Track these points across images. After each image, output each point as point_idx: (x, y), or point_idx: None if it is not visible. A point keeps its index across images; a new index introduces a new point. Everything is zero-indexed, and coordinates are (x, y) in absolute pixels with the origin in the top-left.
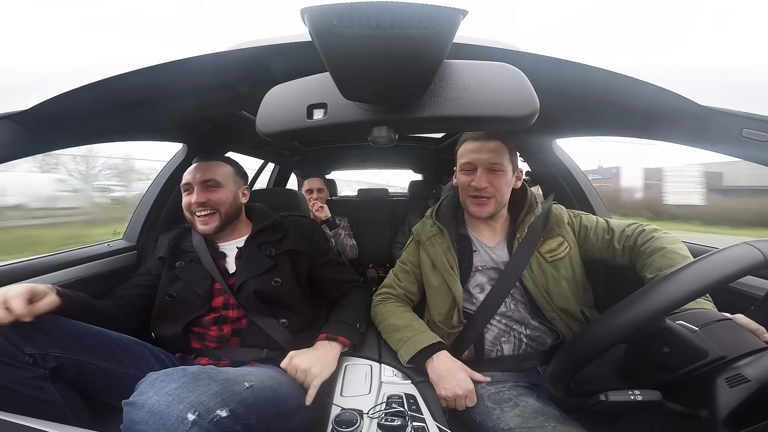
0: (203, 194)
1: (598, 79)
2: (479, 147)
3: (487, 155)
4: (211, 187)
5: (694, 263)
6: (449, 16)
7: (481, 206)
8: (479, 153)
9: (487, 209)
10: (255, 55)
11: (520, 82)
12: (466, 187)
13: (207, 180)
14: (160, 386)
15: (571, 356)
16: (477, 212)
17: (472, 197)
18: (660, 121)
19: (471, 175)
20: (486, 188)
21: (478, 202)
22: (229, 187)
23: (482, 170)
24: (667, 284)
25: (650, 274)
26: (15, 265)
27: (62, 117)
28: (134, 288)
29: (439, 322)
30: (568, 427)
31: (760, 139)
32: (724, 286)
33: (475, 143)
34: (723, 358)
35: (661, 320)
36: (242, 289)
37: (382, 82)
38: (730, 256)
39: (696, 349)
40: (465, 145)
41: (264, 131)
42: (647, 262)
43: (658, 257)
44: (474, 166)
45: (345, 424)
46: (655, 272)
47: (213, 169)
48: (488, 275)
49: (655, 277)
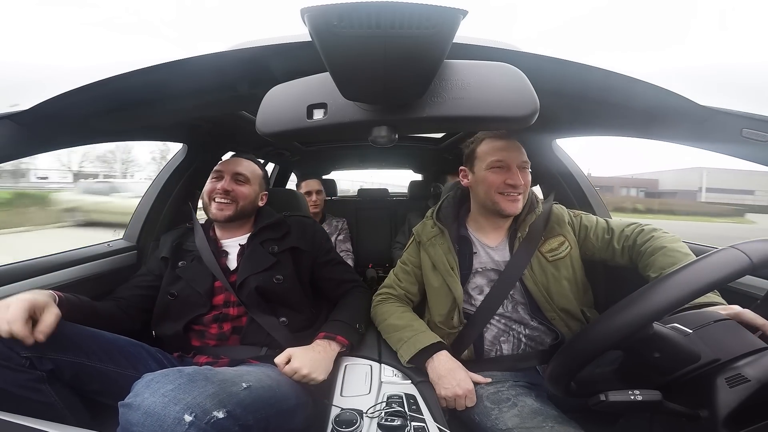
0: (231, 184)
1: (598, 78)
2: (509, 145)
3: (517, 153)
4: (240, 180)
5: (680, 270)
6: (449, 16)
7: (515, 202)
8: (510, 151)
9: (519, 205)
10: (255, 55)
11: (520, 82)
12: (498, 184)
13: (239, 173)
14: (156, 387)
15: (570, 357)
16: (510, 209)
17: (503, 194)
18: (660, 121)
19: (504, 173)
20: (521, 185)
21: (511, 198)
22: (254, 187)
23: (516, 168)
24: (652, 292)
25: (654, 273)
26: (15, 265)
27: (62, 117)
28: (136, 289)
29: (440, 323)
30: (565, 427)
31: (760, 139)
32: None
33: (501, 141)
34: (716, 360)
35: (649, 327)
36: (244, 286)
37: (382, 82)
38: (716, 262)
39: (686, 353)
40: (489, 144)
41: (264, 131)
42: (649, 261)
43: (659, 256)
44: (506, 163)
45: (345, 424)
46: (658, 271)
47: (247, 165)
48: (488, 277)
49: (658, 276)
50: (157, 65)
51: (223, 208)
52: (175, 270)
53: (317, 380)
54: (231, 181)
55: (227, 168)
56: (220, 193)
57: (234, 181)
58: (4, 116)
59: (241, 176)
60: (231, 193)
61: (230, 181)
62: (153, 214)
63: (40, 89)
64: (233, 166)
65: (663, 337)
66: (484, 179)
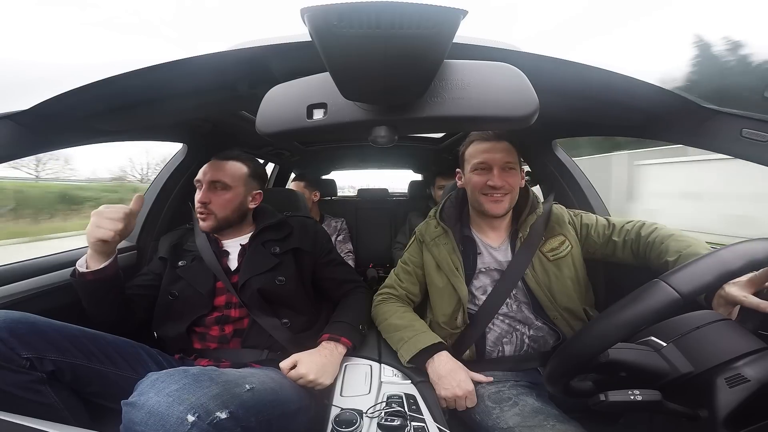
0: (206, 194)
1: (598, 78)
2: (492, 147)
3: (500, 154)
4: (217, 188)
5: (612, 312)
6: (449, 16)
7: (498, 203)
8: (493, 153)
9: (503, 206)
10: (255, 55)
11: (520, 82)
12: (481, 186)
13: (215, 180)
14: (161, 387)
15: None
16: (494, 209)
17: (487, 195)
18: (660, 121)
19: (486, 174)
20: (503, 186)
21: (494, 199)
22: (238, 190)
23: (498, 169)
24: (587, 332)
25: (671, 257)
26: (15, 265)
27: (62, 117)
28: (136, 288)
29: (443, 323)
30: (566, 425)
31: (760, 139)
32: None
33: (486, 143)
34: (689, 374)
35: (603, 355)
36: (246, 287)
37: (382, 82)
38: (644, 302)
39: (650, 372)
40: (475, 146)
41: (264, 131)
42: (662, 248)
43: (671, 241)
44: (489, 165)
45: (345, 424)
46: (675, 254)
47: (225, 169)
48: (491, 277)
49: (678, 258)
50: (157, 65)
51: (204, 219)
52: (175, 270)
53: (324, 385)
54: (207, 191)
55: (204, 176)
56: (199, 206)
57: (211, 190)
58: (4, 116)
59: (219, 183)
60: (208, 204)
61: (206, 191)
62: (153, 214)
63: (40, 89)
64: (211, 174)
65: (621, 362)
66: (470, 181)
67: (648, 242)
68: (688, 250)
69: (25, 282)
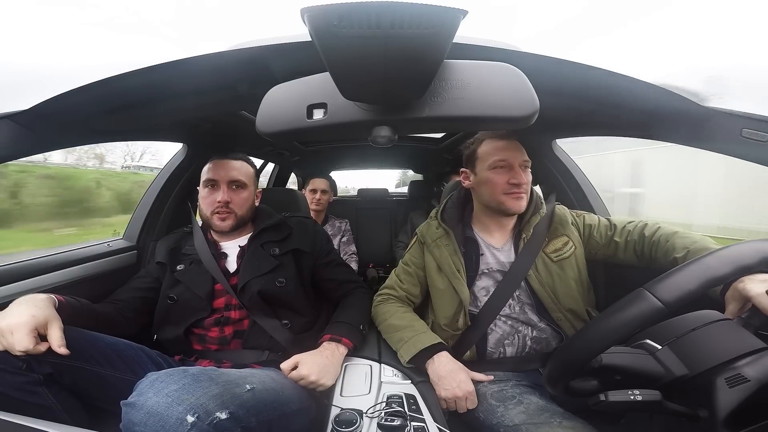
0: (229, 194)
1: (598, 78)
2: (510, 145)
3: (519, 152)
4: (237, 187)
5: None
6: (449, 16)
7: (519, 200)
8: (512, 151)
9: (523, 203)
10: (255, 55)
11: (520, 82)
12: (501, 184)
13: (234, 180)
14: (160, 387)
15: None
16: (516, 207)
17: (509, 194)
18: (660, 121)
19: (507, 172)
20: (525, 184)
21: (516, 196)
22: (251, 188)
23: (518, 167)
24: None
25: (679, 253)
26: (15, 265)
27: (62, 117)
28: (135, 291)
29: (445, 325)
30: (574, 422)
31: (760, 139)
32: None
33: (503, 141)
34: (684, 377)
35: (596, 360)
36: (246, 290)
37: (382, 82)
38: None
39: (646, 374)
40: (490, 144)
41: (264, 131)
42: (668, 245)
43: (677, 239)
44: (509, 163)
45: (345, 424)
46: (683, 250)
47: (240, 168)
48: (494, 278)
49: (686, 254)
50: (157, 65)
51: (225, 218)
52: (173, 274)
53: (326, 386)
54: (228, 191)
55: (221, 176)
56: (220, 206)
57: (231, 189)
58: (4, 116)
59: (237, 182)
60: (230, 204)
61: (227, 191)
62: (153, 214)
63: (40, 89)
64: (228, 173)
65: (615, 366)
66: (488, 180)
67: (653, 241)
68: (695, 246)
69: (25, 282)
